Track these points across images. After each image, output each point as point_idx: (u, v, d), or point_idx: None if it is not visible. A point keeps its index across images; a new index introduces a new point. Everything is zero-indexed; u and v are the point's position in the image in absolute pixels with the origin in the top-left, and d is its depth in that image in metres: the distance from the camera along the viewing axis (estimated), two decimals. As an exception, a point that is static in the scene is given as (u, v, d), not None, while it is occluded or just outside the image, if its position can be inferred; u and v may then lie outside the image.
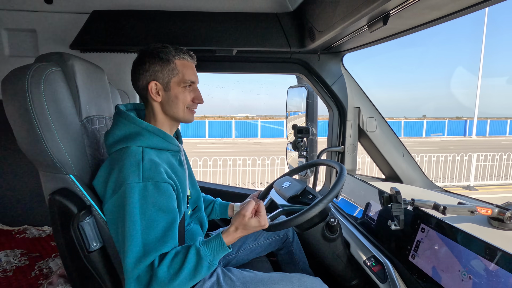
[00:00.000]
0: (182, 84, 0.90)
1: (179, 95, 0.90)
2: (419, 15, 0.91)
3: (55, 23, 1.41)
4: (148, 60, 0.88)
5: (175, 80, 0.90)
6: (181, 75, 0.90)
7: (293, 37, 1.37)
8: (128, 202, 0.76)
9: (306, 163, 1.30)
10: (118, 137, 0.85)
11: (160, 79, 0.89)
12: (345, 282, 1.13)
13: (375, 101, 1.58)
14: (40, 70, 0.77)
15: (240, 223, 0.83)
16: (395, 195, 0.89)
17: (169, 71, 0.89)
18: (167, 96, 0.90)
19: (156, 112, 0.92)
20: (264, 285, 0.94)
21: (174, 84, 0.90)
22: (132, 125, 0.85)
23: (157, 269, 0.75)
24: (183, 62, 0.91)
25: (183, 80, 0.90)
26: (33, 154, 0.80)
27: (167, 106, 0.91)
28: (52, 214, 0.81)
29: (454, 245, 0.78)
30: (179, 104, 0.91)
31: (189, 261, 0.77)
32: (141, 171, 0.79)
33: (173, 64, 0.89)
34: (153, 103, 0.91)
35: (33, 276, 1.25)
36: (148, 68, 0.88)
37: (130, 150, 0.82)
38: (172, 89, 0.90)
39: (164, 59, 0.88)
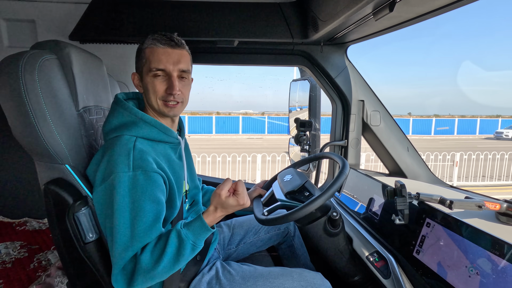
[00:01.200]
0: (150, 73, 0.84)
1: (149, 85, 0.85)
2: (427, 1, 0.87)
3: (54, 13, 1.39)
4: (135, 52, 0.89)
5: (145, 70, 0.85)
6: (148, 63, 0.84)
7: (296, 27, 1.34)
8: (117, 191, 0.75)
9: (312, 156, 1.27)
10: (114, 126, 0.83)
11: (138, 70, 0.89)
12: (347, 278, 1.11)
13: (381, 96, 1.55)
14: (34, 57, 0.75)
15: (218, 202, 0.82)
16: (399, 189, 0.87)
17: (140, 60, 0.87)
18: (143, 86, 0.87)
19: (144, 103, 0.92)
20: (264, 280, 0.92)
21: (145, 74, 0.85)
22: (128, 114, 0.83)
23: (140, 257, 0.74)
24: (152, 49, 0.84)
25: (149, 68, 0.84)
26: (28, 143, 0.78)
27: (145, 97, 0.89)
28: (47, 204, 0.80)
29: (461, 240, 0.75)
30: (150, 95, 0.85)
31: (170, 244, 0.76)
32: (131, 160, 0.76)
33: (143, 53, 0.86)
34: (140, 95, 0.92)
35: (31, 268, 1.24)
36: (135, 60, 0.90)
37: (123, 139, 0.80)
38: (144, 79, 0.86)
39: (139, 49, 0.87)
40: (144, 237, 0.75)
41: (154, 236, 0.77)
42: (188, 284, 0.94)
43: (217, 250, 1.14)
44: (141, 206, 0.75)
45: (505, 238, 0.67)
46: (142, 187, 0.76)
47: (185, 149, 1.04)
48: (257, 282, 0.92)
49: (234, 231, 1.23)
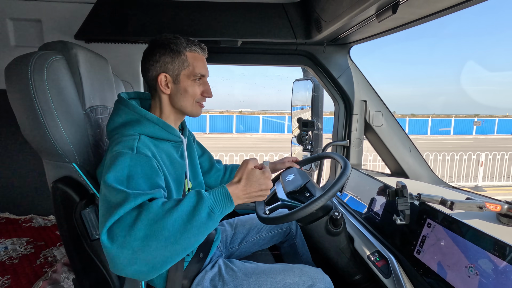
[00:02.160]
0: (192, 77, 0.88)
1: (189, 88, 0.89)
2: (431, 3, 0.87)
3: (60, 13, 1.41)
4: (159, 51, 0.87)
5: (185, 73, 0.88)
6: (192, 68, 0.88)
7: (299, 28, 1.34)
8: (117, 163, 0.71)
9: (315, 155, 1.28)
10: (118, 124, 0.84)
11: (170, 71, 0.87)
12: (348, 277, 1.12)
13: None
14: (43, 58, 0.77)
15: (243, 171, 0.76)
16: (401, 189, 0.87)
17: (180, 63, 0.87)
18: (176, 88, 0.89)
19: (163, 104, 0.91)
20: (266, 276, 0.94)
21: (184, 77, 0.88)
22: (132, 113, 0.85)
23: (148, 204, 0.65)
24: (194, 54, 0.89)
25: (193, 73, 0.88)
26: (36, 142, 0.80)
27: (176, 98, 0.89)
28: (55, 202, 0.81)
29: (461, 241, 0.76)
30: (188, 97, 0.89)
31: (187, 199, 0.68)
32: (135, 147, 0.76)
33: (184, 56, 0.87)
34: (161, 94, 0.90)
35: (38, 264, 1.27)
36: (158, 59, 0.86)
37: (127, 133, 0.81)
38: (182, 82, 0.88)
39: (175, 51, 0.86)
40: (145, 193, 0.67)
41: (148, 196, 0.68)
42: (191, 282, 0.96)
43: (219, 249, 1.16)
44: (136, 182, 0.70)
45: (505, 239, 0.68)
46: (142, 167, 0.73)
47: (189, 147, 1.05)
48: (259, 278, 0.94)
49: (237, 229, 1.25)
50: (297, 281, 0.93)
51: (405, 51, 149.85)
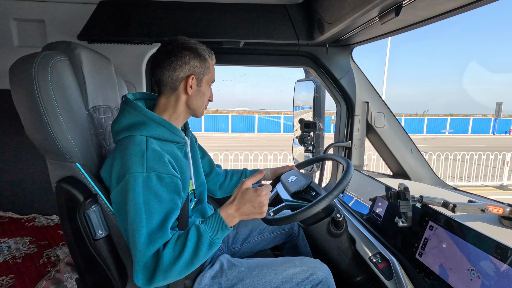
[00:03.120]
0: (209, 83, 0.98)
1: (206, 92, 0.97)
2: (433, 6, 0.87)
3: (63, 13, 1.42)
4: (188, 54, 0.90)
5: (206, 78, 0.95)
6: (211, 75, 0.97)
7: (302, 29, 1.34)
8: (132, 191, 0.77)
9: (316, 157, 1.28)
10: (124, 126, 0.85)
11: (197, 74, 0.92)
12: (349, 278, 1.12)
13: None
14: (47, 58, 0.77)
15: (238, 191, 0.81)
16: (403, 192, 0.87)
17: (205, 68, 0.94)
18: (197, 91, 0.94)
19: (180, 103, 0.93)
20: (268, 268, 0.96)
21: (205, 82, 0.95)
22: (138, 114, 0.85)
23: (162, 253, 0.76)
24: (212, 62, 0.98)
25: (211, 79, 0.98)
26: (40, 142, 0.81)
27: (194, 100, 0.94)
28: (59, 201, 0.82)
29: (463, 243, 0.76)
30: (204, 100, 0.97)
31: (190, 239, 0.77)
32: (145, 161, 0.79)
33: (208, 63, 0.94)
34: (181, 95, 0.92)
35: (41, 264, 1.27)
36: (188, 62, 0.90)
37: (135, 139, 0.82)
38: (203, 85, 0.95)
39: (202, 57, 0.92)
40: (162, 234, 0.77)
41: (168, 234, 0.79)
42: (193, 281, 0.96)
43: (221, 249, 1.16)
44: (152, 206, 0.78)
45: (507, 242, 0.68)
46: (155, 188, 0.78)
47: (192, 147, 1.06)
48: (262, 271, 0.95)
49: (239, 230, 1.25)
50: (298, 271, 0.95)
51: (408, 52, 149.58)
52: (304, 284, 0.93)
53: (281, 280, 0.93)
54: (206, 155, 1.23)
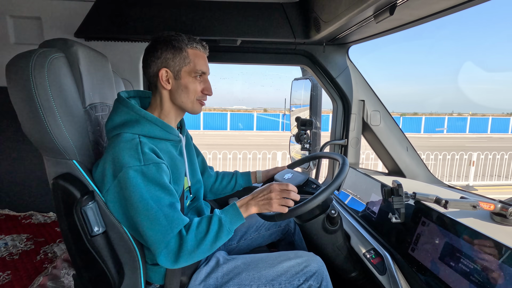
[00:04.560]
0: (192, 74, 0.90)
1: (189, 85, 0.90)
2: (427, 5, 0.88)
3: (60, 10, 1.42)
4: (160, 47, 0.88)
5: (186, 69, 0.89)
6: (193, 65, 0.89)
7: (298, 27, 1.35)
8: (132, 185, 0.78)
9: (309, 155, 1.30)
10: (116, 123, 0.85)
11: (171, 67, 0.88)
12: (344, 274, 1.13)
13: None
14: (44, 56, 0.77)
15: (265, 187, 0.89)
16: (396, 188, 0.89)
17: (181, 59, 0.88)
18: (177, 84, 0.90)
19: (164, 100, 0.92)
20: (263, 262, 0.97)
21: (185, 73, 0.89)
22: (131, 113, 0.86)
23: (186, 237, 0.80)
24: (196, 51, 0.91)
25: (194, 70, 0.90)
26: (37, 139, 0.81)
27: (176, 95, 0.91)
28: (56, 198, 0.82)
29: (454, 238, 0.78)
30: (189, 94, 0.91)
31: (212, 227, 0.83)
32: (141, 154, 0.79)
33: (185, 53, 0.89)
34: (162, 90, 0.91)
35: (38, 260, 1.28)
36: (160, 55, 0.88)
37: (125, 136, 0.83)
38: (183, 78, 0.90)
39: (177, 47, 0.88)
40: (177, 215, 0.81)
41: (184, 216, 0.83)
42: (189, 278, 0.97)
43: (217, 245, 1.17)
44: (158, 195, 0.80)
45: (498, 238, 0.69)
46: (155, 178, 0.80)
47: (187, 145, 1.07)
48: (257, 265, 0.97)
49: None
50: (293, 264, 0.97)
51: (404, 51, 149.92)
52: (298, 277, 0.94)
53: (276, 274, 0.94)
54: (200, 155, 1.24)
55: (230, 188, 1.28)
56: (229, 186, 1.28)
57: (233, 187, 1.28)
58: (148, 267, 0.93)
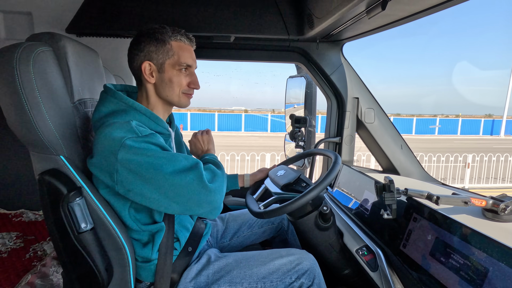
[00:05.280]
0: (177, 67, 0.88)
1: (174, 78, 0.88)
2: (420, 0, 0.88)
3: (51, 6, 1.39)
4: (143, 40, 0.86)
5: (170, 62, 0.87)
6: (177, 57, 0.87)
7: (292, 24, 1.34)
8: (139, 154, 0.75)
9: (301, 153, 1.30)
10: (104, 114, 0.83)
11: (154, 60, 0.87)
12: (337, 271, 1.13)
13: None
14: (30, 49, 0.76)
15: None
16: (388, 184, 0.88)
17: (164, 52, 0.86)
18: (161, 78, 0.88)
19: (149, 94, 0.90)
20: (255, 260, 0.97)
21: (169, 66, 0.88)
22: (119, 103, 0.84)
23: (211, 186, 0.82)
24: (180, 44, 0.89)
25: (178, 62, 0.88)
26: (23, 134, 0.79)
27: (161, 88, 0.89)
28: (42, 194, 0.81)
29: (445, 234, 0.77)
30: (174, 87, 0.89)
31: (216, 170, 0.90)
32: (137, 131, 0.78)
33: (169, 45, 0.87)
34: (146, 84, 0.90)
35: (27, 258, 1.26)
36: (143, 48, 0.86)
37: (116, 120, 0.80)
38: (167, 71, 0.88)
39: (160, 40, 0.86)
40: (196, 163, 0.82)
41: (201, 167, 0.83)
42: (180, 275, 0.96)
43: (209, 243, 1.16)
44: (168, 154, 0.79)
45: (489, 234, 0.69)
46: (159, 142, 0.80)
47: (177, 142, 1.05)
48: (249, 262, 0.96)
49: (228, 224, 1.25)
50: (285, 261, 0.96)
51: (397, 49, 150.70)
52: (290, 274, 0.94)
53: (268, 271, 0.94)
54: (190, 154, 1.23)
55: None
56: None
57: None
58: (137, 264, 0.92)
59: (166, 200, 0.78)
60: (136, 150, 0.75)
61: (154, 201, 0.78)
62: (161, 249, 0.90)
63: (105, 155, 0.77)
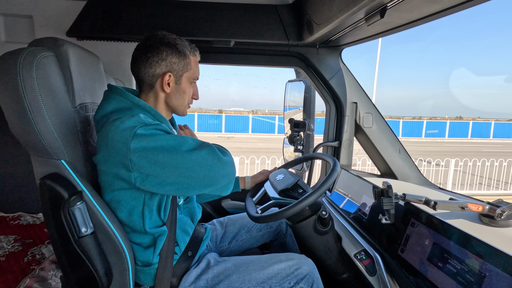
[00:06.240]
0: (191, 80, 0.94)
1: (187, 90, 0.94)
2: (418, 9, 0.90)
3: (51, 9, 1.40)
4: (166, 49, 0.88)
5: (187, 75, 0.93)
6: (192, 72, 0.93)
7: (292, 29, 1.36)
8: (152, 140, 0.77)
9: (302, 156, 1.31)
10: (108, 111, 0.83)
11: (175, 71, 0.90)
12: (336, 275, 1.13)
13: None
14: (33, 54, 0.76)
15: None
16: (386, 189, 0.89)
17: (184, 65, 0.91)
18: (176, 89, 0.92)
19: (159, 101, 0.92)
20: (254, 264, 0.97)
21: (185, 79, 0.93)
22: (124, 100, 0.85)
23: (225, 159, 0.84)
24: (195, 59, 0.95)
25: (193, 76, 0.94)
26: (25, 138, 0.80)
27: (174, 98, 0.92)
28: (43, 198, 0.81)
29: (442, 240, 0.78)
30: (185, 98, 0.94)
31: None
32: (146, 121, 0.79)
33: (188, 59, 0.92)
34: (159, 92, 0.91)
35: (25, 262, 1.26)
36: (165, 58, 0.88)
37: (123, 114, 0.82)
38: (183, 83, 0.92)
39: (181, 53, 0.90)
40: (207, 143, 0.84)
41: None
42: (180, 279, 0.96)
43: (208, 247, 1.16)
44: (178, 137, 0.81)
45: (486, 239, 0.70)
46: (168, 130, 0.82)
47: None
48: (248, 267, 0.96)
49: (227, 228, 1.25)
50: (284, 266, 0.96)
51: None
52: (289, 279, 0.94)
53: (266, 276, 0.94)
54: None
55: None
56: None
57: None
58: (137, 268, 0.92)
59: (184, 180, 0.80)
60: (148, 138, 0.76)
61: (172, 184, 0.80)
62: (162, 253, 0.90)
63: (117, 148, 0.76)
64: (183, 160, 0.78)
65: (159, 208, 0.88)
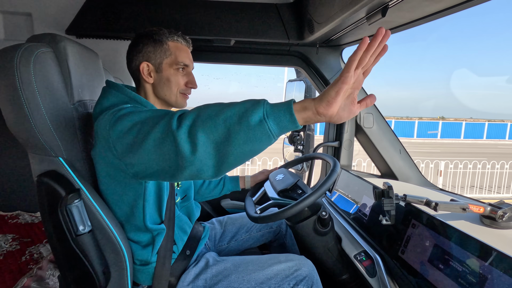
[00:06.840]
0: (174, 66, 0.90)
1: (171, 77, 0.90)
2: (419, 8, 0.89)
3: (51, 6, 1.39)
4: (141, 41, 0.89)
5: (168, 62, 0.90)
6: (174, 57, 0.90)
7: (292, 29, 1.35)
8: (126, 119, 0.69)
9: (302, 156, 1.30)
10: (105, 107, 0.83)
11: (152, 60, 0.89)
12: (335, 276, 1.13)
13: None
14: (30, 50, 0.76)
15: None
16: (387, 190, 0.89)
17: (162, 52, 0.89)
18: (159, 77, 0.90)
19: (148, 94, 0.92)
20: (254, 265, 0.96)
21: (166, 66, 0.90)
22: (121, 95, 0.85)
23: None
24: (177, 44, 0.91)
25: (176, 61, 0.90)
26: (22, 135, 0.79)
27: (159, 88, 0.91)
28: (40, 196, 0.80)
29: (443, 241, 0.77)
30: (172, 87, 0.90)
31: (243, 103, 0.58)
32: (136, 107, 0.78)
33: (166, 46, 0.89)
34: (145, 84, 0.91)
35: (23, 261, 1.25)
36: (141, 49, 0.88)
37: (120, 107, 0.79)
38: (164, 70, 0.90)
39: (157, 40, 0.88)
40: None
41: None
42: (178, 279, 0.95)
43: (207, 246, 1.16)
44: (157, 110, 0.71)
45: (487, 241, 0.69)
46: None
47: None
48: (247, 267, 0.95)
49: (226, 228, 1.25)
50: (283, 267, 0.96)
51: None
52: (288, 280, 0.93)
53: (266, 277, 0.93)
54: None
55: (217, 191, 1.27)
56: (217, 189, 1.27)
57: (221, 191, 1.27)
58: (135, 267, 0.92)
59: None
60: (123, 116, 0.70)
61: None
62: (160, 251, 0.90)
63: (103, 135, 0.72)
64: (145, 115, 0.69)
65: (158, 203, 0.88)
